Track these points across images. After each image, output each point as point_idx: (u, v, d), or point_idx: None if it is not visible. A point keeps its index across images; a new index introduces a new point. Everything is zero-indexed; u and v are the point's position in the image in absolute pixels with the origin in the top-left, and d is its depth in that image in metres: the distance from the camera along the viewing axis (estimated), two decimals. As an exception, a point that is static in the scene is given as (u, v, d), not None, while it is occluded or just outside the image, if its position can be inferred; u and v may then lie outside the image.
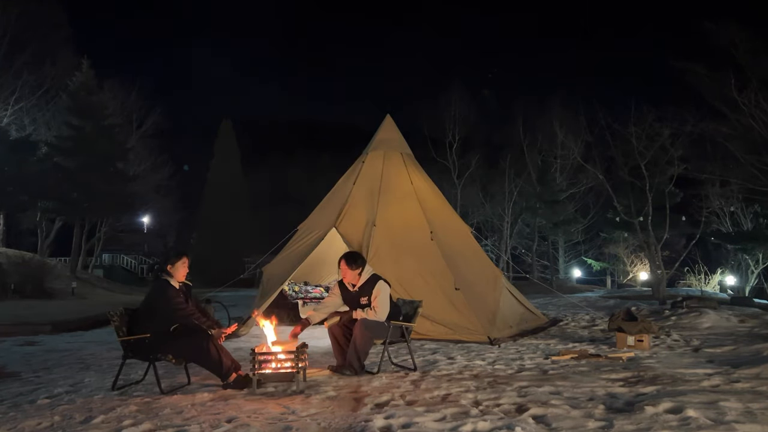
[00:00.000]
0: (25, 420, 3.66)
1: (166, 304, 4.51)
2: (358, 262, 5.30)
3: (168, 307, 4.50)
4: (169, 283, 4.60)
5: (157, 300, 4.57)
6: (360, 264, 5.29)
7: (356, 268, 5.26)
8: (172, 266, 4.64)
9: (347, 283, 5.34)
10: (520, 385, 4.56)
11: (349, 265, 5.26)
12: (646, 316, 8.93)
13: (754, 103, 16.12)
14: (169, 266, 4.64)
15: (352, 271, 5.26)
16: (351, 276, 5.28)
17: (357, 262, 5.29)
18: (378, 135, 10.06)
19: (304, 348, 4.72)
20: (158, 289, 4.60)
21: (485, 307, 8.12)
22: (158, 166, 31.85)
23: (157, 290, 4.60)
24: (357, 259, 5.32)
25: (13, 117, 24.29)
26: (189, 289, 4.80)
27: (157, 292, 4.60)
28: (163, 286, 4.58)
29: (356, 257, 5.36)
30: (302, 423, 3.50)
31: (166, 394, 4.35)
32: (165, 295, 4.53)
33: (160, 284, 4.60)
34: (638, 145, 19.58)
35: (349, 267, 5.26)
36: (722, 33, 16.67)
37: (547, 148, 31.06)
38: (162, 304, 4.53)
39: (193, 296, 4.82)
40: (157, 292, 4.59)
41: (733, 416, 3.43)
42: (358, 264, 5.28)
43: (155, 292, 4.63)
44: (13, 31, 23.30)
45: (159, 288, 4.60)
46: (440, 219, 9.30)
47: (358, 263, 5.29)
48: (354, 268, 5.26)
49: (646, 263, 25.79)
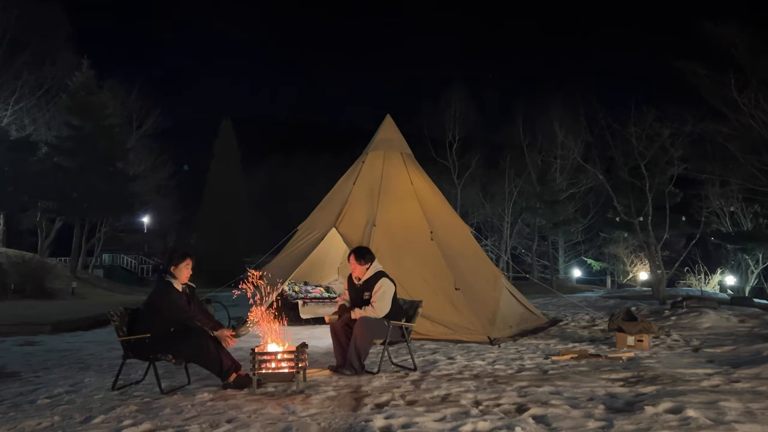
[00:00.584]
0: (25, 420, 3.66)
1: (169, 307, 4.48)
2: (367, 257, 5.37)
3: (171, 309, 4.48)
4: (172, 285, 4.56)
5: (159, 302, 4.54)
6: (369, 260, 5.36)
7: (364, 264, 5.33)
8: (176, 267, 4.60)
9: (354, 277, 5.42)
10: (520, 385, 4.56)
11: (357, 260, 5.34)
12: (646, 316, 8.94)
13: (754, 103, 16.13)
14: (173, 267, 4.60)
15: (360, 266, 5.33)
16: (359, 271, 5.35)
17: (365, 257, 5.36)
18: (378, 135, 10.07)
19: (304, 348, 4.72)
20: (161, 291, 4.56)
21: (485, 307, 8.12)
22: (158, 166, 31.82)
23: (160, 292, 4.56)
24: (366, 255, 5.39)
25: (13, 117, 24.26)
26: (192, 291, 4.77)
27: (159, 294, 4.56)
28: (166, 289, 4.54)
29: (365, 252, 5.43)
30: (302, 423, 3.50)
31: (166, 394, 4.35)
32: (168, 298, 4.50)
33: (163, 286, 4.56)
34: (638, 145, 19.58)
35: (357, 262, 5.34)
36: (722, 33, 16.68)
37: (547, 148, 31.05)
38: (164, 306, 4.50)
39: (196, 297, 4.80)
40: (160, 295, 4.55)
41: (733, 416, 3.43)
42: (367, 259, 5.35)
43: (158, 294, 4.59)
44: (13, 31, 23.27)
45: (162, 290, 4.56)
46: (440, 219, 9.30)
47: (367, 258, 5.36)
48: (362, 263, 5.33)
49: (646, 263, 25.80)
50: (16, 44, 23.51)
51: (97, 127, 24.58)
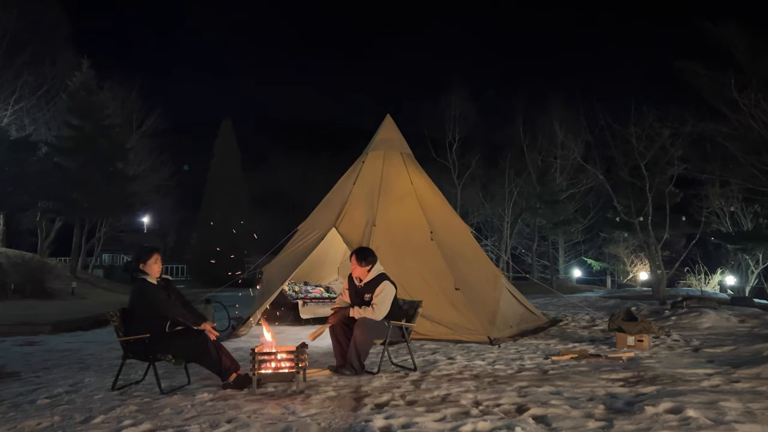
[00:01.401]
0: (25, 420, 3.66)
1: (148, 302, 4.50)
2: (368, 258, 5.34)
3: (150, 303, 4.49)
4: (146, 281, 4.58)
5: (138, 300, 4.56)
6: (370, 261, 5.33)
7: (366, 265, 5.31)
8: (145, 264, 4.62)
9: (355, 277, 5.40)
10: (520, 385, 4.56)
11: (359, 261, 5.32)
12: (646, 316, 8.93)
13: (754, 104, 16.11)
14: (142, 264, 4.62)
15: (361, 267, 5.31)
16: (360, 272, 5.33)
17: (367, 258, 5.34)
18: (378, 135, 10.06)
19: (304, 348, 4.72)
20: (137, 289, 4.59)
21: (485, 307, 8.12)
22: (158, 166, 31.82)
23: (137, 291, 4.59)
24: (367, 256, 5.37)
25: (13, 117, 24.25)
26: (169, 284, 4.78)
27: (137, 293, 4.59)
28: (141, 286, 4.57)
29: (367, 254, 5.40)
30: (302, 423, 3.50)
31: (166, 394, 4.35)
32: (145, 294, 4.52)
33: (139, 284, 4.59)
34: (638, 145, 19.56)
35: (358, 263, 5.32)
36: (722, 33, 16.67)
37: (547, 148, 31.03)
38: (143, 303, 4.52)
39: (175, 290, 4.80)
40: (137, 293, 4.58)
41: (733, 416, 3.43)
42: (368, 261, 5.33)
43: (135, 293, 4.61)
44: (13, 31, 23.26)
45: (138, 288, 4.59)
46: (440, 219, 9.30)
47: (368, 260, 5.33)
48: (364, 264, 5.31)
49: (646, 263, 25.78)
50: (16, 44, 23.50)
51: (97, 127, 24.57)
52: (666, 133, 19.77)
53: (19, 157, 22.63)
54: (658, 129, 19.87)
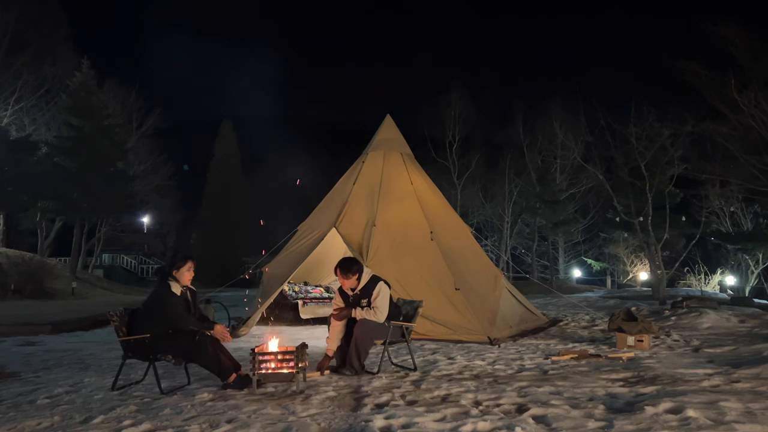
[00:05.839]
0: (25, 420, 3.66)
1: (165, 310, 4.48)
2: (353, 269, 5.18)
3: (166, 312, 4.48)
4: (170, 289, 4.55)
5: (156, 305, 4.54)
6: (356, 270, 5.19)
7: (353, 275, 5.17)
8: (178, 271, 4.60)
9: (346, 289, 5.29)
10: (520, 385, 4.56)
11: (344, 274, 5.17)
12: (646, 316, 8.92)
13: (754, 104, 16.10)
14: (175, 271, 4.60)
15: (348, 279, 5.19)
16: (349, 283, 5.22)
17: (352, 269, 5.18)
18: (378, 135, 10.07)
19: (304, 348, 4.72)
20: (159, 295, 4.56)
21: (485, 307, 8.12)
22: (158, 166, 31.84)
23: (158, 296, 4.56)
24: (352, 266, 5.20)
25: (13, 117, 24.25)
26: (194, 295, 4.76)
27: (157, 298, 4.56)
28: (164, 292, 4.54)
29: (350, 265, 5.22)
30: (302, 423, 3.50)
31: (166, 394, 4.35)
32: (165, 303, 4.50)
33: (162, 290, 4.56)
34: (638, 145, 19.58)
35: (344, 276, 5.18)
36: (722, 33, 16.67)
37: (547, 148, 31.06)
38: (161, 310, 4.50)
39: (196, 303, 4.77)
40: (158, 298, 4.55)
41: (733, 416, 3.43)
42: (354, 270, 5.18)
43: (156, 297, 4.59)
44: (13, 31, 23.27)
45: (160, 294, 4.56)
46: (440, 219, 9.30)
47: (354, 270, 5.18)
48: (350, 276, 5.17)
49: (646, 263, 25.79)
50: (16, 44, 23.50)
51: (97, 127, 24.59)
52: (666, 133, 19.79)
53: (19, 157, 22.64)
54: (658, 129, 19.89)
